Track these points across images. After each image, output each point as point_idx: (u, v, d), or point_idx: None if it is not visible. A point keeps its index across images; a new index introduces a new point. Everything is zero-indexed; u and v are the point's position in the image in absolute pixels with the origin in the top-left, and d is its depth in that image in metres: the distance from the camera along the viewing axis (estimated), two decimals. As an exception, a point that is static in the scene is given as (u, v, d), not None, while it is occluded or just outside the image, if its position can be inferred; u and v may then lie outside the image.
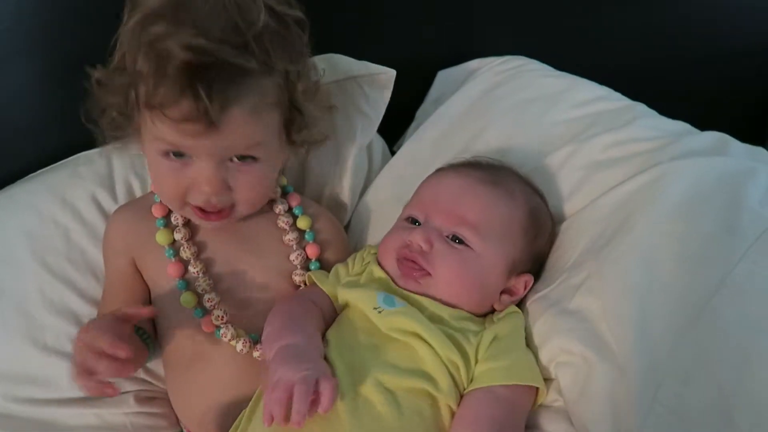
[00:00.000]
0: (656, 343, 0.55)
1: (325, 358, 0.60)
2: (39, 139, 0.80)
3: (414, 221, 0.70)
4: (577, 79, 0.91)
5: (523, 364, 0.62)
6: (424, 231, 0.67)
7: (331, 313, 0.69)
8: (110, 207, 0.77)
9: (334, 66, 0.82)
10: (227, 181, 0.65)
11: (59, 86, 0.72)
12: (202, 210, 0.67)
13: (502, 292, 0.69)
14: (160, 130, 0.62)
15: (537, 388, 0.62)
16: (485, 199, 0.68)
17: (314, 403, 0.53)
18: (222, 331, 0.68)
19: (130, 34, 0.61)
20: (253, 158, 0.65)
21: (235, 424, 0.63)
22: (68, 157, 0.80)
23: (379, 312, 0.63)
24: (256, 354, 0.68)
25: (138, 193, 0.78)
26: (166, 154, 0.64)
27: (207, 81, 0.58)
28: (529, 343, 0.65)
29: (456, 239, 0.67)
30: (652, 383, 0.53)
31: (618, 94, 0.89)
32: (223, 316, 0.69)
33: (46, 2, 0.77)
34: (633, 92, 0.90)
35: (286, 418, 0.53)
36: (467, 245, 0.66)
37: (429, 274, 0.66)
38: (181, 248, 0.71)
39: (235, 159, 0.64)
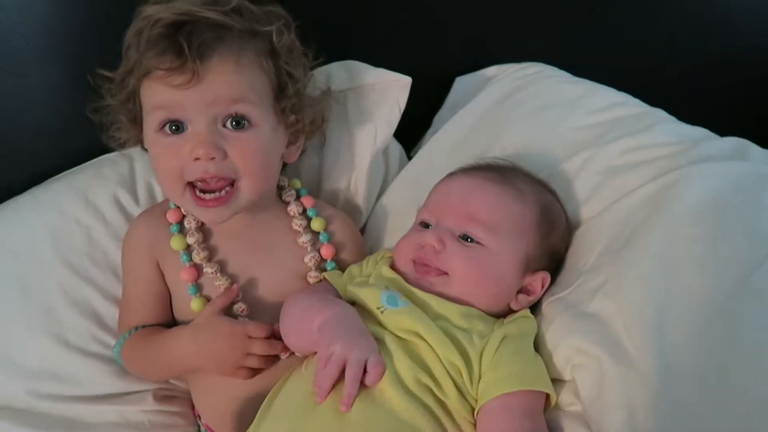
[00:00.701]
0: (674, 345, 0.55)
1: None
2: (64, 141, 0.82)
3: (426, 225, 0.71)
4: (595, 85, 0.91)
5: (533, 369, 0.62)
6: (436, 232, 0.68)
7: None
8: (131, 207, 0.78)
9: (352, 73, 0.84)
10: (222, 146, 0.65)
11: (85, 90, 0.74)
12: (199, 197, 0.67)
13: (519, 292, 0.69)
14: (153, 96, 0.66)
15: (547, 394, 0.61)
16: (494, 197, 0.69)
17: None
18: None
19: (132, 31, 0.67)
20: (246, 121, 0.66)
21: (252, 426, 0.63)
22: (93, 159, 0.82)
23: (382, 312, 0.63)
24: None
25: (158, 195, 0.80)
26: (163, 126, 0.66)
27: (187, 33, 0.64)
28: (543, 345, 0.65)
29: (468, 238, 0.67)
30: (670, 386, 0.53)
31: (636, 100, 0.88)
32: (244, 309, 0.71)
33: (76, 8, 0.79)
34: (652, 99, 0.90)
35: (328, 394, 0.57)
36: (479, 243, 0.67)
37: (445, 273, 0.66)
38: (194, 252, 0.72)
39: (229, 126, 0.66)
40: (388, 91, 0.82)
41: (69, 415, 0.72)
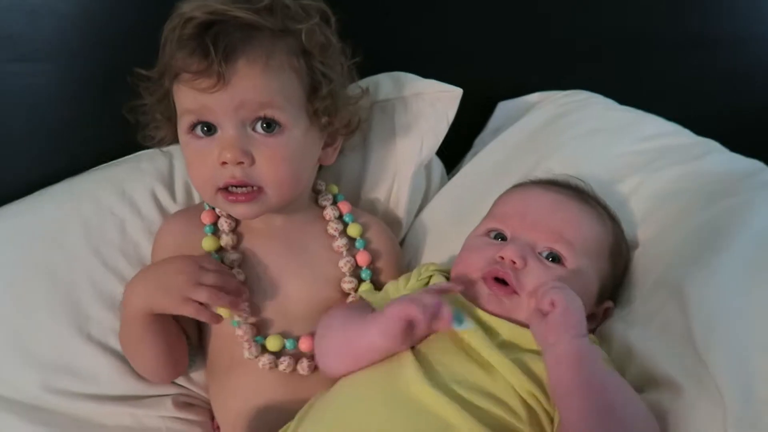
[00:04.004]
0: (753, 366, 0.51)
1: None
2: (99, 137, 0.80)
3: (498, 235, 0.65)
4: (643, 113, 0.89)
5: None
6: (518, 246, 0.61)
7: None
8: (168, 204, 0.76)
9: (400, 83, 0.82)
10: (250, 151, 0.63)
11: (125, 83, 0.72)
12: (230, 193, 0.65)
13: None
14: (183, 99, 0.64)
15: None
16: (579, 217, 0.64)
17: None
18: (246, 347, 0.66)
19: (167, 28, 0.65)
20: (276, 124, 0.64)
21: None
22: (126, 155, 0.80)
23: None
24: (281, 367, 0.67)
25: (195, 193, 0.78)
26: (193, 128, 0.65)
27: (215, 34, 0.61)
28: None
29: (551, 257, 0.62)
30: (753, 409, 0.48)
31: (687, 131, 0.87)
32: (243, 335, 0.67)
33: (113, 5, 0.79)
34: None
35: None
36: (562, 264, 0.62)
37: (516, 293, 0.60)
38: (225, 255, 0.69)
39: (259, 129, 0.64)
40: (437, 102, 0.80)
41: (81, 414, 0.68)
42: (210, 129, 0.64)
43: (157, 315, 0.65)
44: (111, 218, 0.73)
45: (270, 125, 0.64)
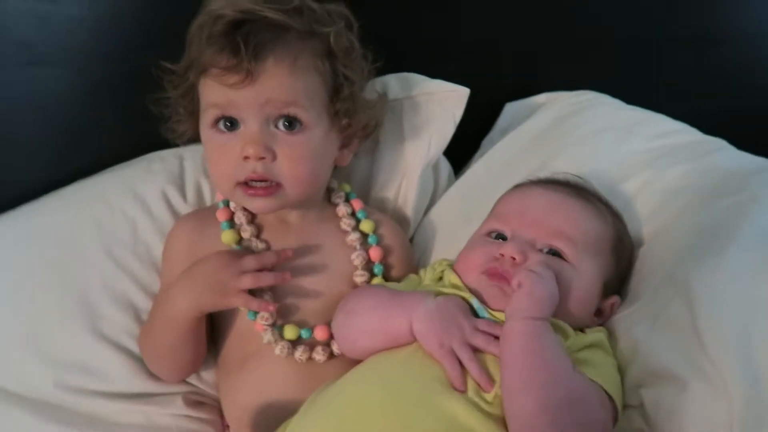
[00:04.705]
0: (760, 361, 0.50)
1: None
2: (114, 137, 0.81)
3: (498, 236, 0.66)
4: (651, 113, 0.89)
5: (611, 375, 0.57)
6: (518, 243, 0.62)
7: None
8: (179, 204, 0.77)
9: (408, 83, 0.83)
10: (272, 147, 0.65)
11: (138, 87, 0.74)
12: (249, 187, 0.66)
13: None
14: (209, 93, 0.66)
15: (615, 408, 0.56)
16: (579, 214, 0.65)
17: None
18: (268, 330, 0.67)
19: (195, 25, 0.67)
20: (299, 123, 0.65)
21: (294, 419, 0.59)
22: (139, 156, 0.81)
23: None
24: (297, 354, 0.68)
25: (207, 193, 0.79)
26: (216, 123, 0.66)
27: (245, 33, 0.63)
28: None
29: (551, 252, 0.62)
30: (760, 404, 0.48)
31: (695, 130, 0.87)
32: (268, 317, 0.67)
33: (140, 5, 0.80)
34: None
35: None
36: (563, 259, 0.62)
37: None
38: (251, 245, 0.70)
39: (281, 126, 0.65)
40: (445, 101, 0.81)
41: (93, 411, 0.69)
42: (233, 124, 0.66)
43: (200, 316, 0.66)
44: (123, 219, 0.74)
45: (292, 123, 0.65)
